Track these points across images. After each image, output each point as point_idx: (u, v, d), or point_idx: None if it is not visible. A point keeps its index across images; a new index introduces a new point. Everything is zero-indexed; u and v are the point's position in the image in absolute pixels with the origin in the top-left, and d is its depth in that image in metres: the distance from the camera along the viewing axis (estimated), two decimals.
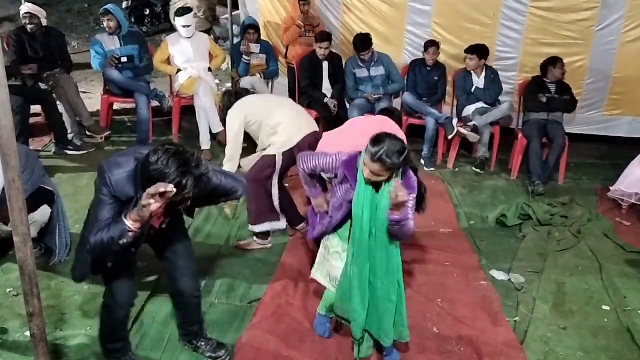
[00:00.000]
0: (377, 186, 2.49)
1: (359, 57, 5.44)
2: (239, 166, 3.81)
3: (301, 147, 3.61)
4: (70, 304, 3.19)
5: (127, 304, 2.54)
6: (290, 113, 3.74)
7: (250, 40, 5.65)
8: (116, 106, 5.91)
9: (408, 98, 5.45)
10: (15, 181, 1.85)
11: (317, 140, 3.55)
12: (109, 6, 5.28)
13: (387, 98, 5.47)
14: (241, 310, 3.20)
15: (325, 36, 5.42)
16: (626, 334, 3.14)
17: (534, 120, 5.18)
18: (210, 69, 5.63)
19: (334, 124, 4.54)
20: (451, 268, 3.70)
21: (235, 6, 6.33)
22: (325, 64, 5.51)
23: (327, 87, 5.56)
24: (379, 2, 5.74)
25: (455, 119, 5.35)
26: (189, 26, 5.46)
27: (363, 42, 5.35)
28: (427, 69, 5.51)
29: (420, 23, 5.72)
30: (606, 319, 3.28)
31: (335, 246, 2.77)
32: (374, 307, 2.63)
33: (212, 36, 8.12)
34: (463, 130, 5.25)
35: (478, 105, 5.38)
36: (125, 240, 2.11)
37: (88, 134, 5.38)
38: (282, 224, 3.83)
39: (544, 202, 4.62)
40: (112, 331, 2.63)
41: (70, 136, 5.30)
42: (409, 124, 5.47)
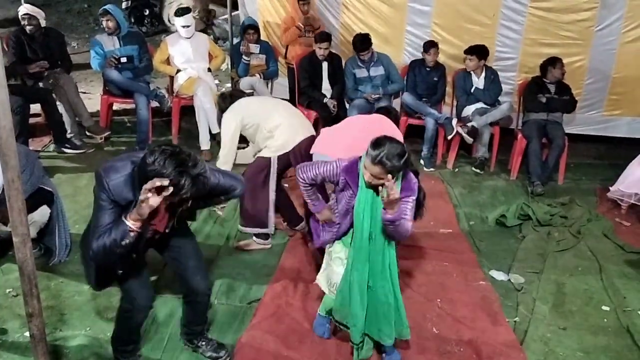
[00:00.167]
0: (377, 190, 2.49)
1: (358, 57, 5.44)
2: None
3: (296, 152, 3.61)
4: (70, 304, 3.19)
5: (146, 307, 2.55)
6: (287, 116, 3.71)
7: (249, 40, 5.65)
8: (116, 106, 5.90)
9: (407, 98, 5.45)
10: (14, 181, 1.85)
11: (312, 143, 3.54)
12: (108, 6, 5.27)
13: (386, 98, 5.47)
14: (241, 310, 3.20)
15: (324, 36, 5.42)
16: (626, 334, 3.15)
17: (533, 121, 5.19)
18: (209, 69, 5.62)
19: (334, 124, 4.52)
20: (451, 268, 3.70)
21: (235, 6, 6.33)
22: (325, 64, 5.50)
23: (326, 88, 5.56)
24: (379, 2, 5.74)
25: (455, 119, 5.35)
26: (188, 26, 5.44)
27: (362, 42, 5.35)
28: (427, 69, 5.51)
29: (419, 23, 5.72)
30: (606, 319, 3.28)
31: (337, 252, 2.77)
32: (372, 310, 2.63)
33: (211, 36, 8.12)
34: (461, 131, 5.25)
35: (477, 105, 5.38)
36: (128, 241, 2.12)
37: (88, 134, 5.38)
38: (269, 230, 3.79)
39: (543, 202, 4.62)
40: (128, 334, 2.65)
41: (69, 136, 5.29)
42: (408, 124, 5.47)
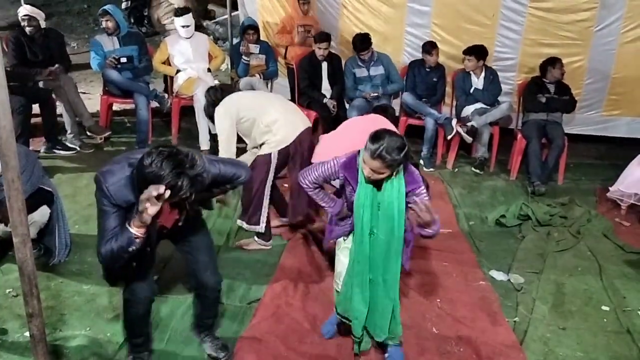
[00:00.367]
0: (377, 185, 2.49)
1: (358, 56, 5.44)
2: None
3: (297, 144, 3.62)
4: (70, 304, 3.18)
5: (146, 300, 2.54)
6: (283, 110, 3.67)
7: (249, 40, 5.64)
8: (115, 107, 5.91)
9: (407, 98, 5.45)
10: (14, 181, 1.85)
11: (310, 135, 3.53)
12: (108, 7, 5.27)
13: (385, 98, 5.47)
14: (241, 310, 3.20)
15: (324, 37, 5.42)
16: (626, 334, 3.15)
17: (533, 121, 5.19)
18: (209, 70, 5.62)
19: (333, 124, 4.54)
20: (450, 268, 3.70)
21: (235, 6, 6.33)
22: (325, 65, 5.51)
23: (326, 88, 5.56)
24: (378, 2, 5.74)
25: (455, 120, 5.35)
26: (188, 26, 5.44)
27: (362, 41, 5.35)
28: (427, 69, 5.51)
29: (419, 23, 5.72)
30: (605, 320, 3.28)
31: (346, 243, 2.78)
32: (373, 304, 2.64)
33: (211, 37, 8.12)
34: (460, 130, 5.25)
35: (477, 105, 5.38)
36: (134, 247, 2.15)
37: (88, 134, 5.37)
38: (260, 228, 3.76)
39: (543, 202, 4.62)
40: (132, 325, 2.66)
41: (69, 136, 5.29)
42: (408, 125, 5.48)
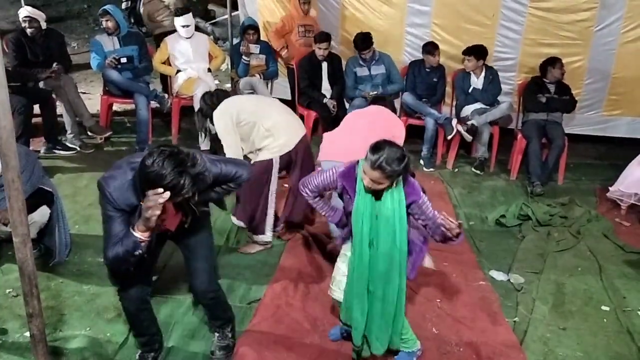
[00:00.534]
0: (377, 195, 2.48)
1: (360, 56, 5.44)
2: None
3: (298, 149, 3.61)
4: (70, 304, 3.19)
5: (137, 298, 2.55)
6: (283, 115, 3.67)
7: (249, 40, 5.65)
8: (116, 107, 5.91)
9: (407, 98, 5.45)
10: (14, 181, 1.85)
11: (308, 140, 3.57)
12: (108, 7, 5.27)
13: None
14: (241, 311, 3.19)
15: (324, 37, 5.42)
16: (626, 334, 3.15)
17: (533, 121, 5.19)
18: (209, 70, 5.62)
19: (333, 124, 4.54)
20: (450, 268, 3.70)
21: (235, 6, 6.33)
22: (325, 65, 5.51)
23: (326, 88, 5.56)
24: (378, 2, 5.74)
25: (455, 120, 5.35)
26: (188, 26, 5.44)
27: (363, 41, 5.35)
28: (427, 69, 5.51)
29: (419, 23, 5.72)
30: (605, 320, 3.28)
31: (345, 250, 2.77)
32: (371, 317, 2.62)
33: (211, 37, 8.12)
34: (460, 129, 5.25)
35: (476, 105, 5.38)
36: (140, 251, 2.16)
37: (89, 134, 5.37)
38: (267, 237, 3.75)
39: (543, 202, 4.62)
40: (132, 322, 2.69)
41: (69, 136, 5.29)
42: (408, 124, 5.47)
